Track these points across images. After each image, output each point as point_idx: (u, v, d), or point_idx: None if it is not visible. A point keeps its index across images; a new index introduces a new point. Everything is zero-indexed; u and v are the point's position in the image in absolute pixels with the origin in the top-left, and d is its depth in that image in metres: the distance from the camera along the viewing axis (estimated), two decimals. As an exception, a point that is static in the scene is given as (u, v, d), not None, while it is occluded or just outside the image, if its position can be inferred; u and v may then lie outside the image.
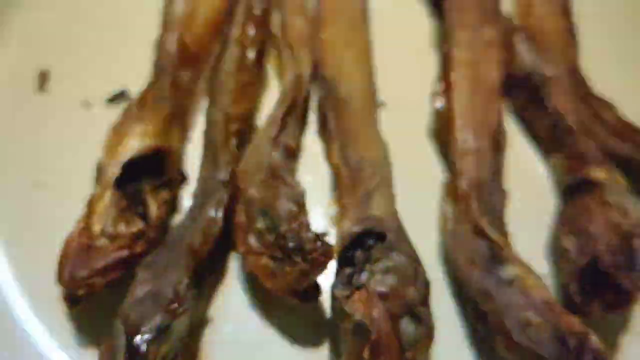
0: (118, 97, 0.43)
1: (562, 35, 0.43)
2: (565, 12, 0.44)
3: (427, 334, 0.31)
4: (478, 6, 0.42)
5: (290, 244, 0.31)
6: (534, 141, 0.41)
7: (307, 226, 0.32)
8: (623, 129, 0.40)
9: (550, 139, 0.40)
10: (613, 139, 0.40)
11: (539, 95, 0.40)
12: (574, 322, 0.30)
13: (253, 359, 0.33)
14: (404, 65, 0.45)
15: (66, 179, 0.39)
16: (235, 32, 0.41)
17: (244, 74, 0.40)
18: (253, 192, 0.33)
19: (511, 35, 0.42)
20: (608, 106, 0.41)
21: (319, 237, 0.31)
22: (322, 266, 0.31)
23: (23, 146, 0.41)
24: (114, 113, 0.40)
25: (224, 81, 0.39)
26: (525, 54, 0.41)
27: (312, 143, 0.42)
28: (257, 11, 0.42)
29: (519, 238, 0.37)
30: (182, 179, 0.39)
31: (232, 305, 0.35)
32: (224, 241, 0.35)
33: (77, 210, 0.35)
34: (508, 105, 0.43)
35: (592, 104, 0.41)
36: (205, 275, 0.33)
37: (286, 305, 0.33)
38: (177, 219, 0.37)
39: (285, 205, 0.32)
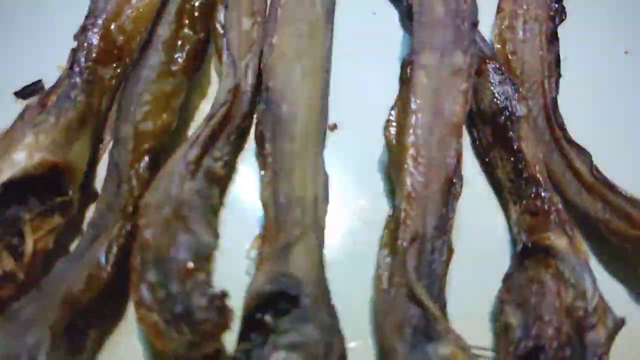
0: (30, 90, 0.37)
1: (543, 66, 0.37)
2: (551, 41, 0.37)
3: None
4: (451, 26, 0.35)
5: (179, 309, 0.25)
6: (494, 189, 0.35)
7: (202, 287, 0.25)
8: (596, 184, 0.34)
9: (511, 186, 0.33)
10: (584, 195, 0.34)
11: (506, 135, 0.34)
12: None
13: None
14: (366, 84, 0.39)
15: None
16: (162, 32, 0.34)
17: (166, 81, 0.32)
18: (148, 235, 0.27)
19: (484, 63, 0.35)
20: (583, 155, 0.34)
21: (217, 301, 0.25)
22: (213, 338, 0.25)
23: None
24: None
25: (139, 89, 0.32)
26: (496, 86, 0.35)
27: (249, 168, 0.35)
28: (195, 5, 0.35)
29: (462, 300, 0.31)
30: (92, 196, 0.33)
31: (128, 351, 0.29)
32: (122, 279, 0.29)
33: None
34: (471, 141, 0.37)
35: (565, 152, 0.35)
36: (88, 326, 0.28)
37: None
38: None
39: (181, 258, 0.26)
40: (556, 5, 0.38)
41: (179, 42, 0.34)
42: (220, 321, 0.24)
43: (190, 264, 0.26)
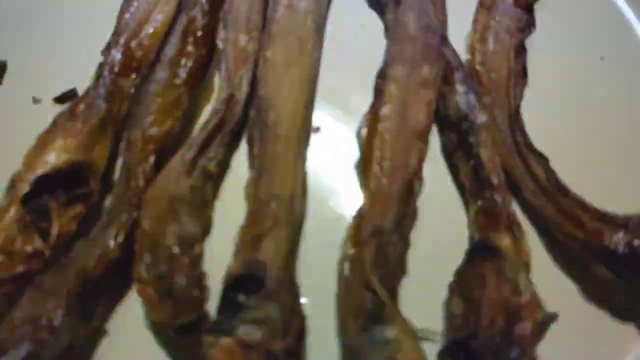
0: (67, 96, 0.41)
1: (510, 76, 0.37)
2: (519, 51, 0.38)
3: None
4: (421, 41, 0.36)
5: (164, 286, 0.29)
6: (458, 188, 0.37)
7: (184, 269, 0.29)
8: (551, 188, 0.34)
9: (470, 187, 0.35)
10: (539, 197, 0.35)
11: (466, 141, 0.35)
12: None
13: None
14: (350, 91, 0.41)
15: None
16: (168, 51, 0.37)
17: (170, 94, 0.36)
18: (146, 225, 0.31)
19: (451, 74, 0.36)
20: (542, 161, 0.35)
21: (194, 283, 0.29)
22: (190, 312, 0.28)
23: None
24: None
25: (146, 101, 0.35)
26: (461, 95, 0.36)
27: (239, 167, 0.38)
28: (198, 26, 0.38)
29: (418, 290, 0.33)
30: (109, 188, 0.37)
31: (131, 319, 0.33)
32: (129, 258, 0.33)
33: None
34: (441, 145, 0.38)
35: (525, 157, 0.35)
36: (100, 298, 0.32)
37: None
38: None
39: (168, 244, 0.30)
40: (526, 17, 0.38)
41: (183, 60, 0.37)
42: (198, 297, 0.28)
43: (176, 249, 0.30)
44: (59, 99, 0.41)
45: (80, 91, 0.41)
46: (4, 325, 0.28)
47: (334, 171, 0.38)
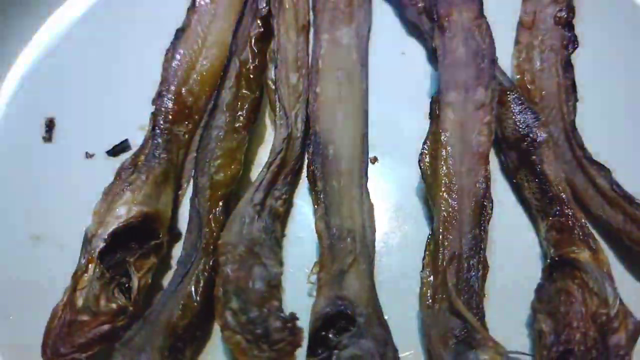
0: (120, 149, 0.42)
1: (560, 92, 0.39)
2: (566, 67, 0.39)
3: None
4: (472, 65, 0.38)
5: (258, 331, 0.29)
6: (524, 206, 0.38)
7: (276, 311, 0.30)
8: (616, 198, 0.35)
9: (538, 204, 0.36)
10: (605, 208, 0.36)
11: (529, 159, 0.37)
12: None
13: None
14: (398, 120, 0.42)
15: (65, 233, 0.38)
16: (226, 96, 0.38)
17: (232, 138, 0.37)
18: (228, 270, 0.32)
19: (505, 95, 0.38)
20: (603, 172, 0.37)
21: (289, 324, 0.30)
22: (288, 355, 0.29)
23: (25, 197, 0.40)
24: (116, 164, 0.39)
25: (211, 147, 0.37)
26: (517, 115, 0.37)
27: (303, 202, 0.39)
28: (251, 68, 0.39)
29: (500, 311, 0.34)
30: (175, 237, 0.38)
31: None
32: (208, 306, 0.34)
33: (73, 263, 0.34)
34: (500, 164, 0.39)
35: (587, 169, 0.37)
36: (185, 347, 0.32)
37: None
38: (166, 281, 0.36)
39: (257, 288, 0.31)
40: (569, 35, 0.40)
41: (239, 103, 0.38)
42: (293, 339, 0.29)
43: (265, 293, 0.30)
44: (112, 152, 0.42)
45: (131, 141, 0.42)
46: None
47: (396, 200, 0.39)
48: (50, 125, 0.43)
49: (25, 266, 0.38)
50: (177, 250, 0.37)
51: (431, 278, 0.34)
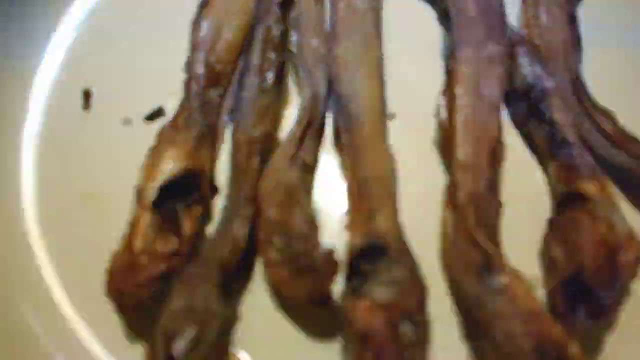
0: (156, 114, 0.46)
1: (566, 45, 0.42)
2: (571, 21, 0.43)
3: (423, 337, 0.33)
4: (483, 22, 0.41)
5: (303, 262, 0.33)
6: (533, 152, 0.41)
7: (317, 246, 0.34)
8: (621, 139, 0.39)
9: (547, 150, 0.40)
10: (610, 149, 0.39)
11: (538, 108, 0.40)
12: (556, 333, 0.31)
13: (274, 353, 0.36)
14: (414, 77, 0.45)
15: (111, 192, 0.41)
16: (254, 59, 0.42)
17: (263, 97, 0.41)
18: (271, 213, 0.35)
19: (514, 48, 0.41)
20: (608, 116, 0.40)
21: (328, 255, 0.33)
22: (330, 281, 0.33)
23: (71, 161, 0.44)
24: (153, 129, 0.42)
25: (245, 106, 0.40)
26: (526, 67, 0.41)
27: (329, 157, 0.42)
28: (275, 34, 0.43)
29: (514, 244, 0.37)
30: (214, 191, 0.41)
31: (256, 301, 0.37)
32: (251, 249, 0.37)
33: (120, 219, 0.37)
34: (509, 116, 0.43)
35: (592, 115, 0.40)
36: (233, 284, 0.36)
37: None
38: (210, 228, 0.39)
39: (298, 227, 0.34)
40: (573, -10, 0.43)
41: (266, 66, 0.42)
42: (333, 268, 0.32)
43: (306, 231, 0.34)
44: (149, 117, 0.45)
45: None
46: (166, 316, 0.32)
47: (415, 153, 0.42)
48: (87, 95, 0.47)
49: (77, 222, 0.41)
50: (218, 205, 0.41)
51: (451, 217, 0.37)
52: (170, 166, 0.38)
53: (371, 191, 0.37)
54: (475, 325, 0.33)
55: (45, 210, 0.42)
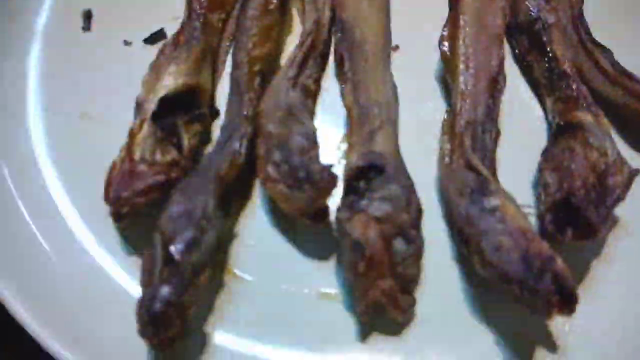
0: (156, 36, 0.46)
1: (570, -18, 0.43)
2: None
3: (415, 252, 0.34)
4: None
5: (301, 174, 0.34)
6: (532, 84, 0.42)
7: (316, 159, 0.34)
8: (617, 75, 0.40)
9: (546, 82, 0.40)
10: (607, 85, 0.40)
11: (540, 41, 0.40)
12: (543, 248, 0.32)
13: (272, 268, 0.37)
14: (418, 10, 0.46)
15: (110, 111, 0.42)
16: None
17: (266, 18, 0.41)
18: (271, 128, 0.36)
19: (518, -18, 0.41)
20: (605, 53, 0.41)
21: (326, 168, 0.34)
22: (327, 193, 0.33)
23: (71, 81, 0.44)
24: (152, 51, 0.42)
25: (248, 25, 0.40)
26: (530, 1, 0.41)
27: (331, 84, 0.43)
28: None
29: (509, 171, 0.38)
30: (214, 113, 0.42)
31: (255, 222, 0.38)
32: (249, 168, 0.38)
33: (119, 137, 0.38)
34: (511, 49, 0.43)
35: (591, 51, 0.41)
36: (231, 198, 0.37)
37: (300, 223, 0.36)
38: (209, 149, 0.40)
39: (298, 141, 0.35)
40: None
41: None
42: (332, 179, 0.33)
43: (306, 143, 0.34)
44: (149, 40, 0.45)
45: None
46: (164, 220, 0.33)
47: (417, 82, 0.43)
48: (88, 16, 0.46)
49: (78, 139, 0.41)
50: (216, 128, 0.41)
51: (448, 143, 0.38)
52: (170, 81, 0.38)
53: (371, 115, 0.38)
54: (466, 242, 0.34)
55: (50, 128, 0.42)
